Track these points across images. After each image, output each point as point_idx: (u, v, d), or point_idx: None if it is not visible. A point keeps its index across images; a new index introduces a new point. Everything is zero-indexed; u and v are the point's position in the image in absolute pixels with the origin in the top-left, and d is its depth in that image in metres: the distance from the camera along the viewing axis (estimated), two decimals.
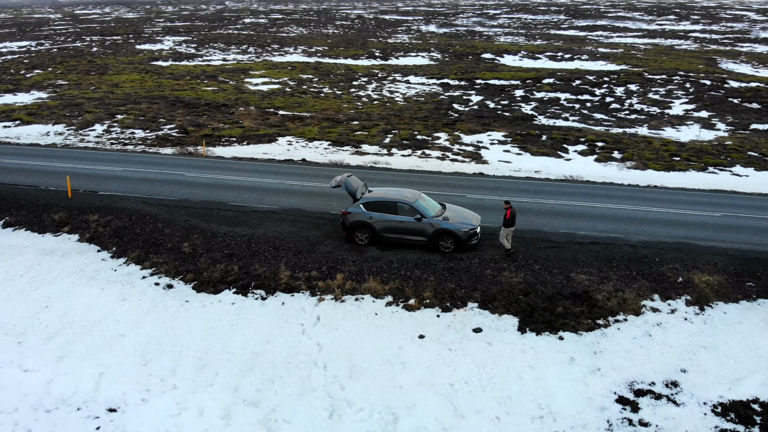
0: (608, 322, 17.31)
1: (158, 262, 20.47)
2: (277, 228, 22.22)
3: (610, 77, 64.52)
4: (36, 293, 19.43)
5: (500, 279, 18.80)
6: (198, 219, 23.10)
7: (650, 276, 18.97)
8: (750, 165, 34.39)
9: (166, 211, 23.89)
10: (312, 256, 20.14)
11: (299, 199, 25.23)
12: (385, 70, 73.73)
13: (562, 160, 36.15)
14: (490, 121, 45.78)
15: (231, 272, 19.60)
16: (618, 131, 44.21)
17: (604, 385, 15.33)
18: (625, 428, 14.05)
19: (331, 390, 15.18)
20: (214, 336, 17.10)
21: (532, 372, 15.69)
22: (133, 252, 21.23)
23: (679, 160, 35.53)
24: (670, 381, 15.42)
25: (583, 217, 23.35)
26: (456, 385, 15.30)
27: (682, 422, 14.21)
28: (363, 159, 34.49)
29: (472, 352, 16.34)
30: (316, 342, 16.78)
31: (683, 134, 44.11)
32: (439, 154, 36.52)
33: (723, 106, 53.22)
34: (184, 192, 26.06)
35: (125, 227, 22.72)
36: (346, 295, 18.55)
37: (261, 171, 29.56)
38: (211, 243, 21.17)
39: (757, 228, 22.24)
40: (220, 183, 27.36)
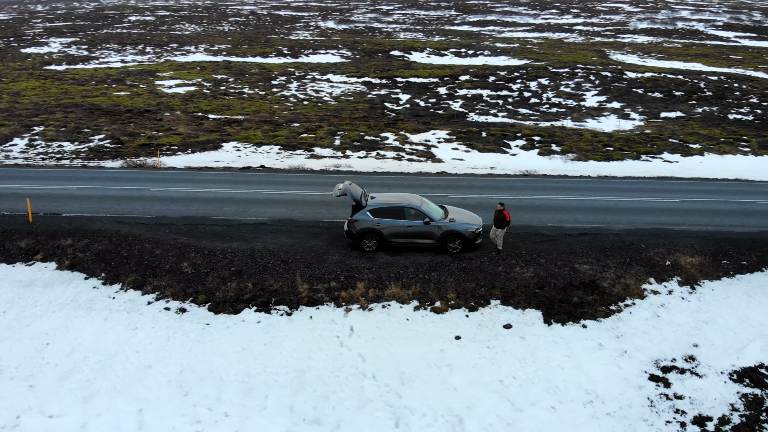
0: (620, 308, 18.73)
1: (160, 286, 19.55)
2: (275, 240, 21.86)
3: (520, 72, 67.77)
4: (29, 330, 17.99)
5: (513, 275, 19.72)
6: (186, 236, 22.21)
7: (642, 261, 20.65)
8: (676, 152, 37.83)
9: (147, 230, 22.74)
10: (324, 267, 20.07)
11: (284, 208, 24.87)
12: (300, 68, 73.07)
13: (508, 155, 37.90)
14: (429, 120, 46.93)
15: (246, 290, 19.13)
16: (546, 125, 46.86)
17: (634, 366, 16.65)
18: (664, 403, 15.39)
19: (389, 399, 15.39)
20: (251, 357, 16.71)
21: (569, 361, 16.72)
22: (127, 277, 20.10)
23: (613, 150, 38.35)
24: (687, 356, 17.01)
25: (562, 210, 24.84)
26: (505, 381, 16.01)
27: (709, 391, 15.78)
28: (322, 163, 34.36)
29: (509, 347, 17.12)
30: (358, 353, 16.86)
31: (604, 125, 47.51)
32: (394, 154, 37.07)
33: (630, 96, 57.75)
34: (158, 208, 24.87)
35: (108, 251, 21.41)
36: (372, 303, 18.71)
37: (228, 181, 28.72)
38: (212, 261, 20.49)
39: (714, 211, 24.74)
40: (193, 196, 26.34)
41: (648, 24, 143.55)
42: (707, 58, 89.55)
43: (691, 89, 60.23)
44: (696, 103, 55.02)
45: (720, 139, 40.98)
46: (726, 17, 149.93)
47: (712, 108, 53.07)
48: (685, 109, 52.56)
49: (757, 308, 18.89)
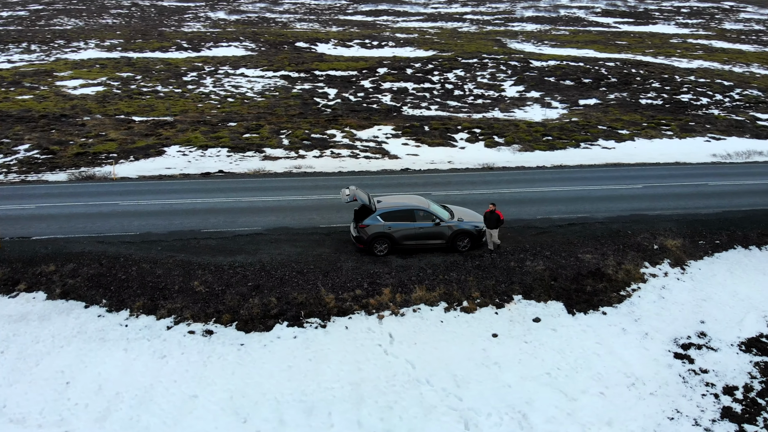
0: (629, 293, 20.11)
1: (176, 308, 18.55)
2: (279, 251, 21.32)
3: (434, 64, 69.24)
4: (40, 370, 16.55)
5: (526, 269, 20.57)
6: (183, 253, 21.13)
7: (633, 247, 22.22)
8: (609, 138, 40.52)
9: (137, 249, 21.39)
10: (343, 275, 19.89)
11: (274, 216, 24.23)
12: (208, 62, 70.64)
13: (457, 148, 38.94)
14: (369, 115, 47.03)
15: (270, 305, 18.60)
16: (479, 116, 48.46)
17: (658, 346, 18.02)
18: (694, 378, 16.83)
19: (451, 403, 15.69)
20: (300, 374, 16.38)
21: (602, 347, 17.80)
22: (134, 301, 18.88)
23: (552, 139, 40.43)
24: (698, 332, 18.65)
25: (542, 201, 26.04)
26: (552, 373, 16.79)
27: (727, 363, 17.43)
28: (280, 164, 33.64)
29: (545, 341, 17.93)
30: (405, 359, 16.99)
31: (531, 115, 49.86)
32: (348, 152, 36.95)
33: (545, 85, 60.84)
34: (139, 224, 23.39)
35: (102, 274, 19.96)
36: (402, 308, 18.84)
37: (198, 190, 27.46)
38: (223, 277, 19.68)
39: (676, 194, 26.96)
40: (170, 209, 24.98)
41: (533, 12, 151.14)
42: (597, 45, 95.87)
43: (597, 76, 64.38)
44: (606, 90, 58.97)
45: (643, 124, 44.36)
46: (603, 3, 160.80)
47: (622, 94, 57.14)
48: (599, 96, 56.24)
49: (741, 283, 20.95)
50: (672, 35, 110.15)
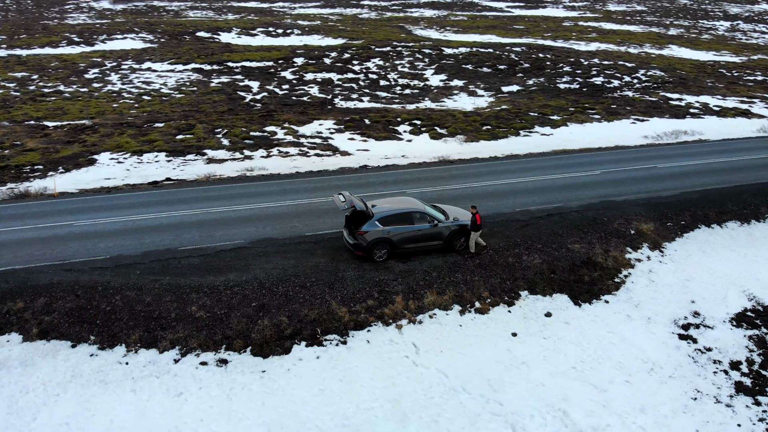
0: (623, 279, 20.94)
1: (179, 338, 17.17)
2: (272, 264, 20.27)
3: (351, 53, 68.50)
4: (39, 424, 14.87)
5: (525, 264, 20.85)
6: (167, 275, 19.57)
7: (613, 233, 23.14)
8: (544, 125, 41.88)
9: (114, 274, 19.56)
10: (349, 285, 19.24)
11: (252, 227, 22.97)
12: (108, 57, 66.05)
13: (404, 141, 38.79)
14: (304, 110, 45.74)
15: (283, 325, 17.66)
16: (413, 107, 48.56)
17: (662, 329, 18.93)
18: (702, 357, 17.86)
19: (493, 408, 15.68)
20: (335, 397, 15.72)
21: (614, 336, 18.44)
22: (129, 335, 17.27)
23: (491, 128, 41.22)
24: (692, 312, 19.78)
25: (515, 193, 26.47)
26: (578, 367, 17.19)
27: (725, 339, 18.62)
28: (230, 167, 32.02)
29: (562, 335, 18.30)
30: (436, 369, 16.75)
31: (461, 104, 50.59)
32: (297, 150, 35.81)
33: (465, 73, 61.93)
34: (105, 246, 21.36)
35: (82, 307, 18.09)
36: (417, 315, 18.53)
37: (155, 202, 25.50)
38: (222, 299, 18.43)
39: (634, 179, 28.33)
40: (133, 226, 23.01)
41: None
42: (497, 30, 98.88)
43: (510, 63, 66.37)
44: (524, 76, 60.96)
45: (570, 109, 46.27)
46: None
47: (539, 79, 59.30)
48: (519, 83, 58.03)
49: (715, 261, 22.41)
50: (563, 18, 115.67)
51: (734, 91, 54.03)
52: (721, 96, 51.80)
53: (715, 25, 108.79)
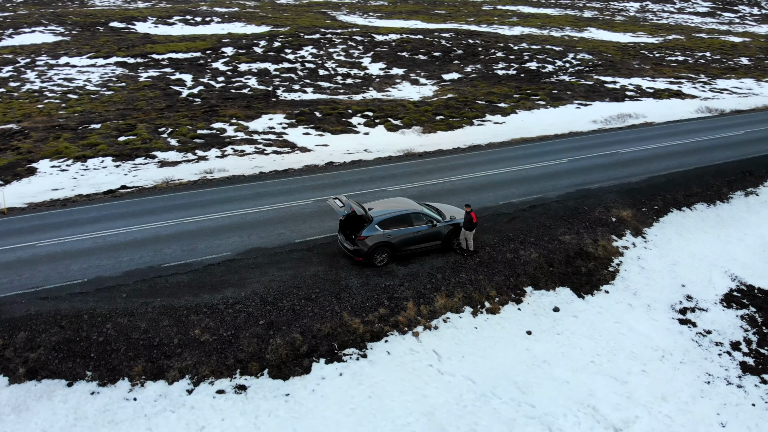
0: (616, 268, 21.43)
1: (188, 366, 16.00)
2: (269, 277, 19.27)
3: (280, 41, 66.54)
4: None
5: (524, 259, 20.91)
6: (157, 297, 18.18)
7: (597, 222, 23.62)
8: (495, 113, 42.30)
9: (97, 300, 17.97)
10: (356, 294, 18.58)
11: (237, 236, 21.76)
12: (20, 53, 61.30)
13: (361, 134, 38.13)
14: (249, 103, 43.99)
15: (297, 343, 16.82)
16: (359, 98, 47.80)
17: (662, 315, 19.53)
18: (704, 340, 18.59)
19: (526, 411, 15.63)
20: (368, 415, 15.16)
21: (622, 326, 18.84)
22: (131, 367, 15.92)
23: (444, 118, 41.18)
24: (685, 296, 20.52)
25: (494, 186, 26.48)
26: (596, 361, 17.44)
27: (720, 321, 19.47)
28: (186, 170, 30.35)
29: (573, 329, 18.49)
30: (462, 376, 16.50)
31: (406, 93, 50.32)
32: (252, 148, 34.42)
33: (403, 61, 61.60)
34: (79, 268, 19.58)
35: (71, 340, 16.51)
36: (431, 320, 18.18)
37: (121, 214, 23.69)
38: (226, 319, 17.33)
39: (601, 165, 29.04)
40: (104, 243, 21.24)
41: None
42: (420, 15, 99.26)
43: (444, 49, 66.71)
44: (460, 63, 61.39)
45: (514, 96, 46.98)
46: None
47: (476, 66, 59.91)
48: (458, 70, 58.38)
49: (693, 243, 23.35)
50: (482, 2, 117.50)
51: (661, 72, 56.72)
52: (650, 78, 54.21)
53: (626, 7, 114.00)
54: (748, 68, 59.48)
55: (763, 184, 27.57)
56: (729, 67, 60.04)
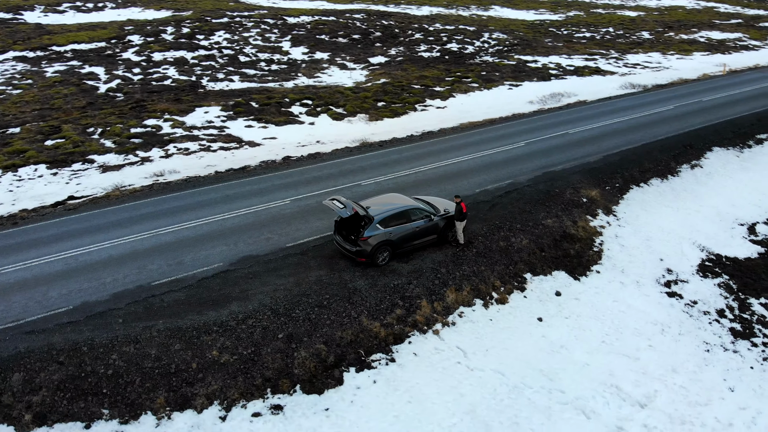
0: (600, 248, 22.39)
1: (215, 391, 15.13)
2: (272, 286, 18.48)
3: (188, 27, 63.40)
4: None
5: (516, 246, 21.35)
6: (159, 319, 16.98)
7: (571, 204, 24.50)
8: (434, 97, 42.54)
9: (92, 328, 16.51)
10: (367, 296, 18.23)
11: (223, 245, 20.63)
12: None
13: (306, 125, 37.20)
14: (175, 96, 41.52)
15: (322, 354, 16.33)
16: (291, 85, 46.51)
17: (651, 290, 20.68)
18: (693, 310, 19.92)
19: (559, 398, 16.13)
20: (413, 421, 15.07)
21: (620, 304, 19.78)
22: (153, 399, 14.84)
23: (386, 104, 40.94)
24: (666, 269, 21.84)
25: (465, 173, 26.69)
26: (606, 341, 18.24)
27: (702, 291, 20.91)
28: (132, 173, 28.52)
29: (579, 311, 19.20)
30: (491, 370, 16.73)
31: (338, 78, 49.54)
32: (196, 146, 32.79)
33: (324, 44, 60.44)
34: (59, 294, 17.83)
35: (75, 376, 15.12)
36: (447, 316, 18.22)
37: (85, 230, 21.78)
38: (241, 336, 16.48)
39: (557, 147, 30.01)
40: (77, 264, 19.46)
41: None
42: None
43: (362, 32, 66.15)
44: (383, 46, 61.13)
45: (446, 79, 47.46)
46: None
47: (399, 48, 59.89)
48: (381, 53, 58.10)
49: (659, 218, 24.79)
50: None
51: (574, 49, 59.32)
52: (566, 55, 56.56)
53: None
54: (651, 42, 63.47)
55: (704, 156, 29.65)
56: (634, 42, 63.79)
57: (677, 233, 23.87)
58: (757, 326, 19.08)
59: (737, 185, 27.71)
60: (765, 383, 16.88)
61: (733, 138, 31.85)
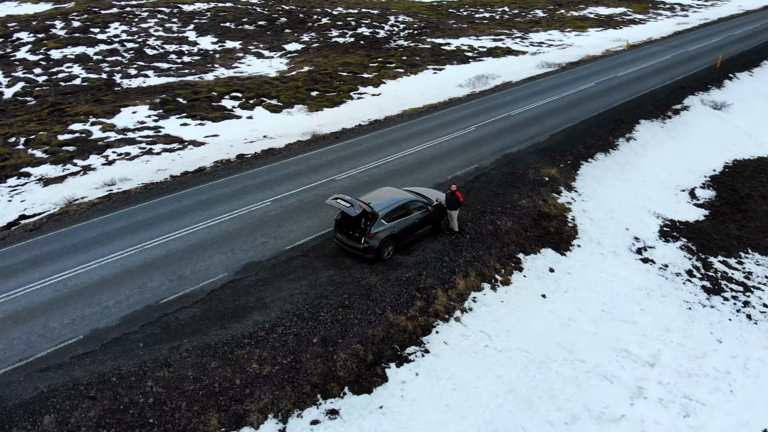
0: (574, 223, 24.00)
1: (267, 405, 14.95)
2: (286, 291, 18.28)
3: (77, 20, 59.08)
4: None
5: (503, 229, 22.41)
6: (182, 338, 16.37)
7: (536, 183, 25.96)
8: (365, 84, 42.71)
9: (114, 357, 15.63)
10: (385, 292, 18.49)
11: (220, 254, 19.97)
12: None
13: (245, 119, 36.28)
14: (93, 96, 38.69)
15: (360, 353, 16.52)
16: (212, 77, 44.86)
17: (628, 258, 22.58)
18: (666, 273, 22.00)
19: (582, 368, 17.44)
20: (465, 407, 15.74)
21: (607, 274, 21.46)
22: (206, 423, 14.42)
23: (319, 94, 40.67)
24: (634, 237, 23.86)
25: (431, 161, 27.31)
26: (605, 309, 19.82)
27: (668, 254, 23.10)
28: (78, 185, 26.82)
29: (574, 285, 20.63)
30: (517, 348, 17.70)
31: (256, 68, 48.36)
32: (137, 149, 31.05)
33: (233, 32, 58.50)
34: (62, 325, 16.56)
35: (113, 410, 14.35)
36: (462, 303, 18.93)
37: (60, 251, 20.19)
38: (276, 345, 16.28)
39: (505, 129, 31.36)
40: (71, 290, 18.12)
41: None
42: None
43: (267, 18, 64.63)
44: (293, 32, 60.10)
45: (371, 65, 47.72)
46: None
47: (311, 34, 59.17)
48: (295, 40, 57.16)
49: (613, 191, 26.86)
50: None
51: (479, 30, 61.50)
52: (474, 37, 58.56)
53: None
54: (547, 20, 67.06)
55: (635, 129, 32.27)
56: (531, 20, 67.11)
57: (632, 203, 25.98)
58: (723, 282, 21.41)
59: (669, 154, 30.49)
60: (744, 332, 19.09)
61: (654, 110, 34.83)
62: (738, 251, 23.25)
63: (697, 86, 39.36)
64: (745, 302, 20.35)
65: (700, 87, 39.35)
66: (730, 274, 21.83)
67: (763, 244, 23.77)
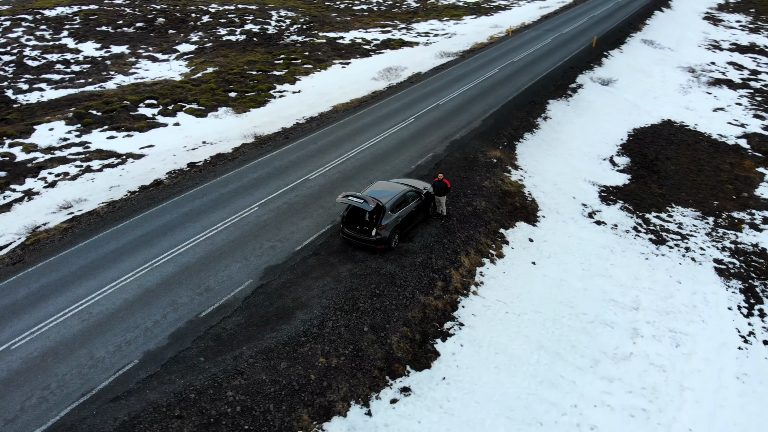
0: (531, 197, 26.85)
1: (348, 393, 16.00)
2: (318, 288, 19.14)
3: None
4: None
5: (480, 209, 24.65)
6: (240, 346, 16.78)
7: (487, 165, 28.52)
8: (281, 82, 43.00)
9: (181, 375, 15.79)
10: (404, 278, 19.89)
11: (235, 263, 20.21)
12: None
13: (174, 126, 35.47)
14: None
15: (408, 335, 17.99)
16: (115, 86, 42.76)
17: (585, 223, 25.86)
18: (618, 231, 25.54)
19: (586, 319, 20.24)
20: (511, 366, 17.77)
21: (574, 238, 24.53)
22: (299, 421, 15.20)
23: (238, 95, 40.45)
24: (581, 204, 27.24)
25: (389, 153, 28.73)
26: (585, 268, 22.82)
27: (613, 216, 26.72)
28: (35, 211, 25.31)
29: (553, 250, 23.44)
30: (531, 310, 20.07)
31: (157, 72, 46.68)
32: (75, 170, 29.55)
33: (114, 36, 55.53)
34: (109, 353, 16.21)
35: (205, 424, 14.63)
36: (473, 278, 20.94)
37: (64, 281, 19.20)
38: (331, 338, 17.19)
39: (442, 118, 33.42)
40: (97, 319, 17.55)
41: None
42: None
43: (144, 19, 61.83)
44: (177, 32, 58.09)
45: (275, 62, 47.85)
46: None
47: (199, 34, 57.58)
48: (184, 40, 55.40)
49: (550, 165, 30.12)
50: None
51: (365, 23, 63.37)
52: (363, 29, 60.35)
53: None
54: (423, 10, 70.38)
55: (547, 109, 36.00)
56: (408, 11, 70.09)
57: (569, 175, 29.41)
58: (663, 233, 25.30)
59: (582, 128, 34.53)
60: (695, 273, 22.94)
61: (556, 90, 38.92)
62: (665, 207, 27.39)
63: (582, 66, 44.28)
64: (686, 248, 24.29)
65: (585, 66, 44.31)
66: (666, 227, 25.79)
67: (682, 199, 28.19)
